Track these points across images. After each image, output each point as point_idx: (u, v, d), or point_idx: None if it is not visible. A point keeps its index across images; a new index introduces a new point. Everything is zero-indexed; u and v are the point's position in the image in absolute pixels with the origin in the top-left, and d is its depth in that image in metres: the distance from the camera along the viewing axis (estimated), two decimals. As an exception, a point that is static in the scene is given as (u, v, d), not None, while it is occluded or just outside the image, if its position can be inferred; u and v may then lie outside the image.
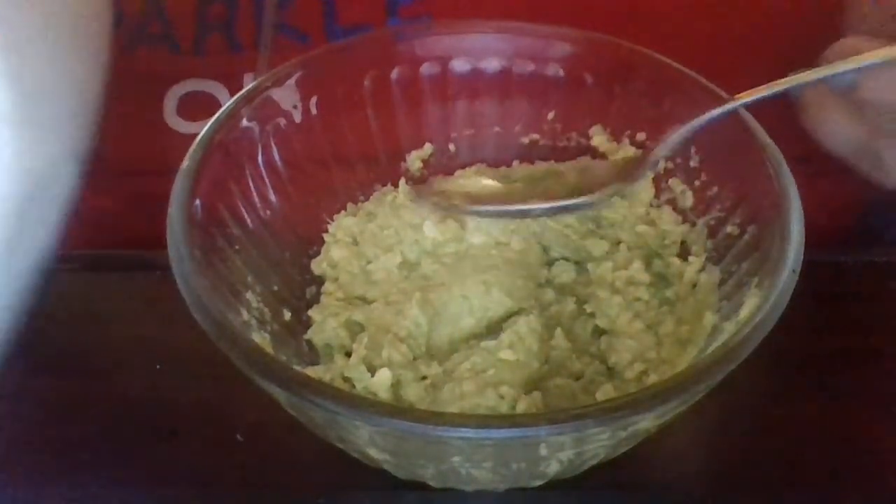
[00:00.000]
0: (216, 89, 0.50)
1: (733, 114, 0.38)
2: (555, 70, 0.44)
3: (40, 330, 0.44)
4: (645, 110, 0.43)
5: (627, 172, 0.38)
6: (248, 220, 0.39)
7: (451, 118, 0.46)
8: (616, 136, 0.44)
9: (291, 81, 0.41)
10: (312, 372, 0.38)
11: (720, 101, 0.39)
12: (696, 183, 0.41)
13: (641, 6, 0.52)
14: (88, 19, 0.28)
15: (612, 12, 0.51)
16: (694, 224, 0.41)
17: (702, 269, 0.40)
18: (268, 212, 0.41)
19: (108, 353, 0.43)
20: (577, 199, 0.37)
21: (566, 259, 0.42)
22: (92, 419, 0.40)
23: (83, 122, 0.32)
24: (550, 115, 0.45)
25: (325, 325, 0.39)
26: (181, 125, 0.51)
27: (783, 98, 0.45)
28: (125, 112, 0.51)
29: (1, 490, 0.38)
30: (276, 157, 0.41)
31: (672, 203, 0.42)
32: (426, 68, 0.44)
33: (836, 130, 0.42)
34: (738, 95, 0.37)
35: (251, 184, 0.40)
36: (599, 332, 0.40)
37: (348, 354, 0.38)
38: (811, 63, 0.47)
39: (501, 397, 0.35)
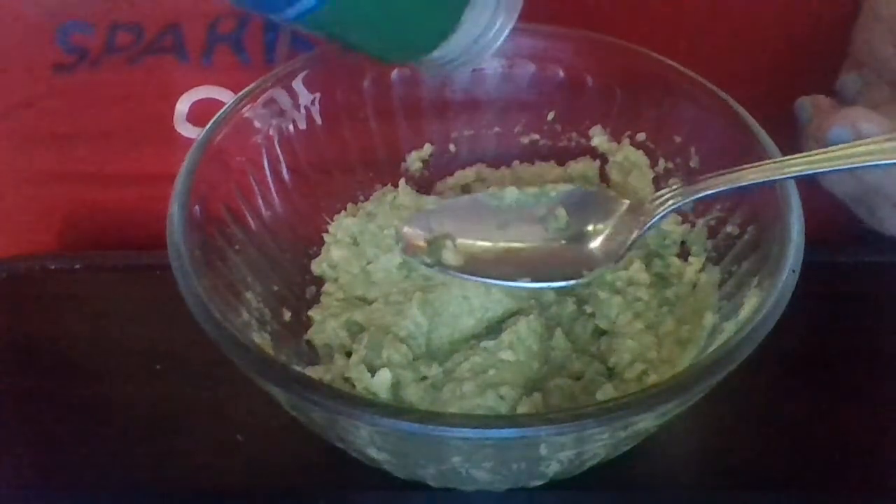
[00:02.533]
0: (228, 97, 0.50)
1: (733, 115, 0.38)
2: (555, 70, 0.44)
3: (40, 330, 0.45)
4: (645, 110, 0.43)
5: (614, 251, 0.38)
6: (248, 220, 0.39)
7: (451, 118, 0.46)
8: (616, 137, 0.44)
9: (292, 81, 0.41)
10: (312, 372, 0.38)
11: (720, 103, 0.39)
12: (697, 183, 0.41)
13: (641, 7, 0.52)
14: None
15: (612, 13, 0.51)
16: (694, 224, 0.41)
17: (702, 269, 0.40)
18: (268, 212, 0.41)
19: (108, 353, 0.43)
20: (563, 281, 0.38)
21: (566, 259, 0.42)
22: (91, 419, 0.40)
23: None
24: (550, 116, 0.45)
25: (325, 325, 0.39)
26: (190, 131, 0.51)
27: (781, 104, 0.45)
28: (133, 118, 0.51)
29: (0, 489, 0.38)
30: (277, 157, 0.41)
31: (672, 203, 0.42)
32: (427, 68, 0.44)
33: (834, 179, 0.43)
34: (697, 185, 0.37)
35: (251, 184, 0.40)
36: (599, 333, 0.40)
37: (348, 354, 0.38)
38: (809, 68, 0.47)
39: (501, 398, 0.35)
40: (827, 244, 0.44)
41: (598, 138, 0.44)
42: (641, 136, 0.43)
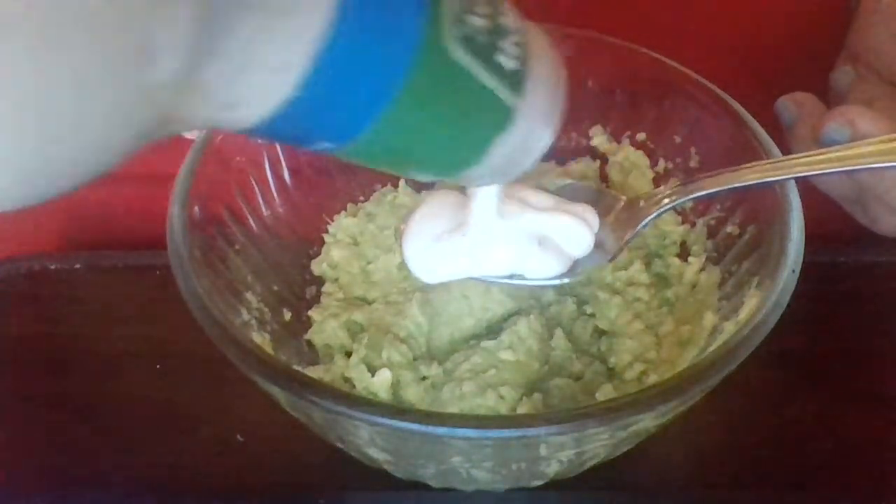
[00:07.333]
0: None
1: (733, 115, 0.38)
2: (555, 70, 0.44)
3: (40, 329, 0.45)
4: (645, 110, 0.43)
5: (608, 249, 0.36)
6: (248, 220, 0.39)
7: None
8: (616, 136, 0.44)
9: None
10: (312, 372, 0.38)
11: (720, 103, 0.39)
12: (696, 183, 0.41)
13: (642, 7, 0.52)
14: None
15: (612, 13, 0.51)
16: (694, 224, 0.41)
17: (702, 269, 0.40)
18: (268, 212, 0.41)
19: (109, 353, 0.43)
20: (552, 280, 0.36)
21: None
22: (92, 419, 0.40)
23: None
24: (550, 116, 0.45)
25: (325, 325, 0.39)
26: (192, 132, 0.51)
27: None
28: None
29: (1, 489, 0.38)
30: (277, 157, 0.41)
31: (672, 203, 0.42)
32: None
33: (829, 179, 0.42)
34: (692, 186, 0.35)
35: (251, 184, 0.40)
36: (599, 333, 0.40)
37: (348, 355, 0.38)
38: (812, 68, 0.47)
39: (501, 398, 0.35)
40: (827, 244, 0.44)
41: (598, 138, 0.44)
42: (641, 136, 0.43)
